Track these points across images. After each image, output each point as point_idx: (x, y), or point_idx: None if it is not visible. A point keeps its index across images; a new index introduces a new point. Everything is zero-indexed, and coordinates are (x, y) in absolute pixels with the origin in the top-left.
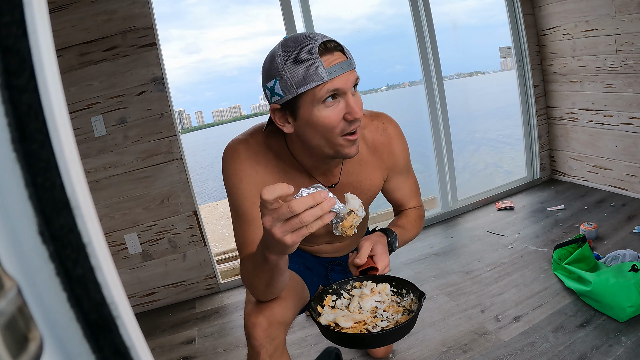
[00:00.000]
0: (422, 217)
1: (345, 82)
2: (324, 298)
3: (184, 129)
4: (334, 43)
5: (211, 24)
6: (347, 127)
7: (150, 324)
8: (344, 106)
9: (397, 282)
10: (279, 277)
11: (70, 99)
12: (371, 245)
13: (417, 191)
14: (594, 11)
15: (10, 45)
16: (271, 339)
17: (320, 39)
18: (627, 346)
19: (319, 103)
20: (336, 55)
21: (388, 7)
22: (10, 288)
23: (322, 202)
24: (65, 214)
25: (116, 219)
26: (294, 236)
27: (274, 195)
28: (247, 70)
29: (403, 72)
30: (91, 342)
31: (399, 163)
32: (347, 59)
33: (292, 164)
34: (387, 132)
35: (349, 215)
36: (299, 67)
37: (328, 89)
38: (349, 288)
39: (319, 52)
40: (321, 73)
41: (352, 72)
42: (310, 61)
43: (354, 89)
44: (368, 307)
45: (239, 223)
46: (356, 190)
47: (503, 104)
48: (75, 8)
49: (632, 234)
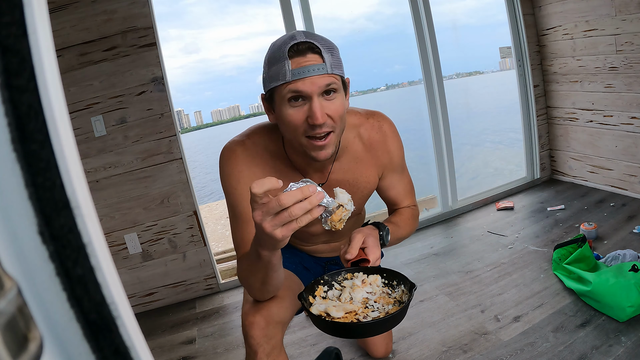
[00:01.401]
0: (416, 216)
1: (311, 85)
2: (316, 289)
3: (183, 129)
4: (308, 45)
5: (210, 23)
6: (309, 130)
7: (150, 324)
8: (308, 109)
9: (388, 274)
10: (273, 274)
11: (70, 99)
12: (363, 238)
13: (412, 190)
14: (594, 11)
15: (10, 45)
16: (268, 338)
17: (297, 41)
18: (627, 346)
19: (284, 101)
20: (308, 57)
21: (387, 6)
22: (10, 288)
23: (311, 196)
24: (65, 214)
25: (116, 219)
26: (284, 230)
27: (263, 189)
28: (246, 70)
29: (402, 72)
30: (91, 342)
31: (394, 161)
32: (322, 62)
33: (287, 163)
34: (383, 129)
35: (337, 209)
36: (272, 65)
37: (290, 89)
38: (341, 279)
39: (289, 53)
40: (285, 73)
41: (323, 77)
42: (281, 60)
43: (329, 94)
44: (359, 298)
45: (236, 223)
46: (352, 187)
47: (503, 104)
48: (75, 8)
49: (632, 234)
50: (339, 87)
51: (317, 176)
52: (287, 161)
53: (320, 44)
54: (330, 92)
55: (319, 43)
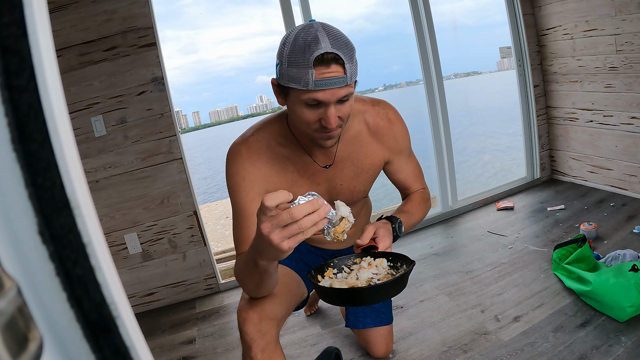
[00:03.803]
0: (427, 199)
1: (331, 96)
2: (325, 270)
3: (182, 129)
4: (333, 55)
5: (206, 24)
6: (321, 129)
7: (150, 324)
8: (323, 113)
9: (393, 257)
10: (268, 279)
11: (70, 99)
12: (375, 229)
13: (420, 173)
14: (594, 11)
15: (10, 45)
16: (262, 333)
17: (322, 49)
18: (627, 346)
19: (301, 102)
20: (332, 68)
21: (384, 7)
22: (10, 288)
23: (319, 209)
24: (65, 214)
25: (116, 219)
26: (291, 242)
27: (276, 202)
28: (244, 71)
29: (400, 73)
30: (91, 342)
31: (400, 145)
32: (344, 74)
33: (294, 147)
34: (388, 117)
35: (340, 221)
36: (294, 66)
37: (310, 97)
38: (350, 263)
39: (314, 62)
40: (308, 81)
41: (342, 89)
42: (304, 67)
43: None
44: (364, 278)
45: (237, 219)
46: (356, 168)
47: (502, 104)
48: (75, 8)
49: (632, 234)
50: (352, 92)
51: (323, 157)
52: (294, 144)
53: (344, 54)
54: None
55: (343, 54)
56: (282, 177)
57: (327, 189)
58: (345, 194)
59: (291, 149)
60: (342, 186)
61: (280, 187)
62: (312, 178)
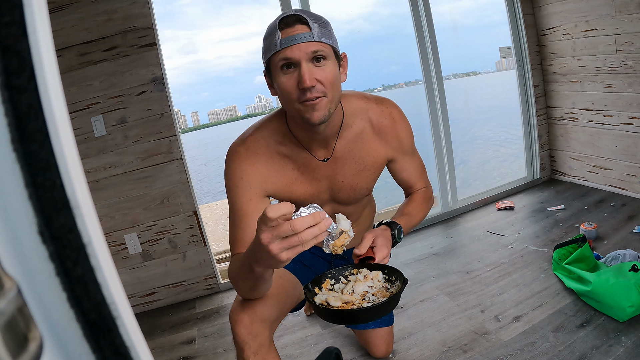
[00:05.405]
0: (429, 198)
1: (298, 51)
2: (323, 281)
3: (180, 130)
4: (297, 16)
5: (205, 24)
6: (302, 95)
7: (150, 324)
8: (299, 75)
9: (388, 270)
10: (263, 284)
11: (70, 99)
12: (373, 237)
13: (423, 171)
14: (594, 11)
15: (10, 45)
16: (253, 335)
17: (286, 14)
18: (627, 346)
19: (278, 70)
20: (296, 27)
21: (383, 7)
22: (10, 288)
23: (321, 222)
24: (65, 214)
25: (116, 219)
26: (290, 253)
27: (278, 214)
28: (243, 71)
29: (398, 73)
30: (91, 342)
31: (404, 144)
32: (309, 31)
33: (293, 145)
34: (392, 116)
35: (340, 235)
36: (267, 38)
37: (280, 57)
38: (347, 274)
39: (279, 26)
40: (276, 43)
41: (310, 44)
42: (272, 33)
43: (319, 61)
44: (359, 291)
45: (234, 219)
46: (358, 165)
47: (501, 104)
48: (75, 8)
49: (632, 234)
50: (329, 55)
51: (322, 151)
52: (292, 142)
53: (307, 16)
54: (319, 59)
55: (306, 15)
56: (282, 175)
57: (328, 185)
58: (346, 191)
59: (290, 147)
60: (343, 183)
61: (281, 185)
62: (312, 174)
